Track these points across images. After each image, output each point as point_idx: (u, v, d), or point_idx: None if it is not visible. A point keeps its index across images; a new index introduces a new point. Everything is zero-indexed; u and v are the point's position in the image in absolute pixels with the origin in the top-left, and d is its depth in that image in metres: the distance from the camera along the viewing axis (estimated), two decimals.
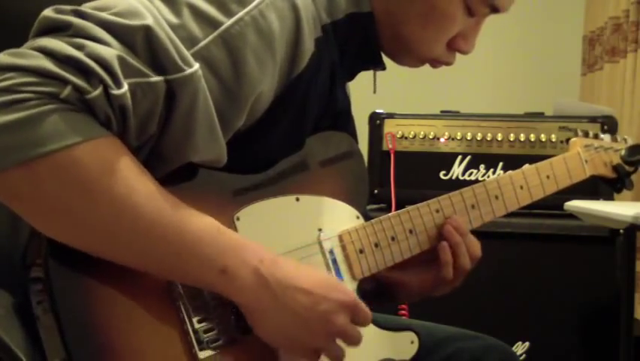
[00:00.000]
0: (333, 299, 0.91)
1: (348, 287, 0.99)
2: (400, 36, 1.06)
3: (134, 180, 0.80)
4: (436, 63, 1.10)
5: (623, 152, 1.35)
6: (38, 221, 0.81)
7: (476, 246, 1.11)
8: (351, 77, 1.13)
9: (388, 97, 2.78)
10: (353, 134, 1.10)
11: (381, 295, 1.16)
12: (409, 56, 1.09)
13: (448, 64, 1.10)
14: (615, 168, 1.34)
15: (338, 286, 0.93)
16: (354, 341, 0.94)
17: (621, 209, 1.66)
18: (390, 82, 3.40)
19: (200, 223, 0.85)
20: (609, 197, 2.06)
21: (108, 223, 0.80)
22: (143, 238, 0.82)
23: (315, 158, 1.03)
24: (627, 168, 1.35)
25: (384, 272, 1.09)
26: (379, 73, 1.17)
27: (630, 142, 1.39)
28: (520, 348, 2.01)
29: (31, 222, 0.81)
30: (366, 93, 1.26)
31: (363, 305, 0.94)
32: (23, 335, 0.87)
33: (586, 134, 1.34)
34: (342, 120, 1.08)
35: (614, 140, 1.37)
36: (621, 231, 1.96)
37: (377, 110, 2.17)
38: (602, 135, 1.36)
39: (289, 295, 0.88)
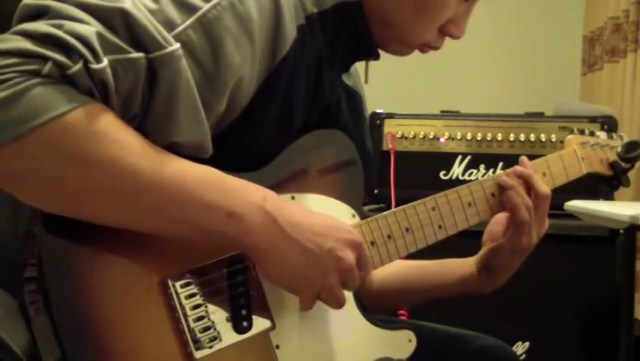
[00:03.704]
0: (339, 237, 0.92)
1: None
2: (391, 24, 1.06)
3: (125, 140, 0.80)
4: (425, 48, 1.10)
5: (619, 149, 1.34)
6: (40, 198, 0.80)
7: (542, 186, 1.15)
8: (346, 69, 1.13)
9: (388, 97, 2.78)
10: (345, 127, 1.09)
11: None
12: (399, 44, 1.09)
13: (436, 48, 1.10)
14: (611, 165, 1.33)
15: (342, 226, 0.94)
16: (356, 281, 0.94)
17: (621, 209, 1.66)
18: (390, 82, 3.41)
19: (200, 172, 0.85)
20: (609, 197, 2.06)
21: (109, 186, 0.80)
22: (146, 194, 0.81)
23: (310, 157, 1.03)
24: (623, 165, 1.33)
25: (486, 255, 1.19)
26: (380, 72, 1.17)
27: (626, 139, 1.38)
28: (520, 348, 2.01)
29: (32, 202, 0.81)
30: (366, 94, 1.26)
31: (366, 247, 0.96)
32: (23, 334, 0.87)
33: (582, 132, 1.33)
34: (333, 114, 1.07)
35: (610, 137, 1.36)
36: (621, 231, 1.96)
37: (377, 110, 2.17)
38: (597, 133, 1.35)
39: (298, 231, 0.89)
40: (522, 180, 1.16)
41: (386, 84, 3.08)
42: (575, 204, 1.86)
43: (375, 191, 2.12)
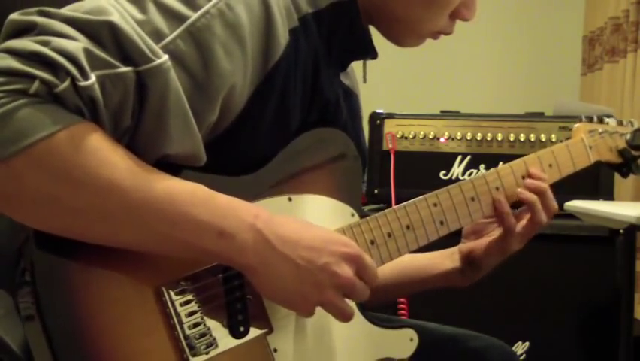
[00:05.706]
0: (335, 251, 0.90)
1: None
2: (400, 20, 1.06)
3: (113, 159, 0.80)
4: (437, 35, 1.11)
5: (628, 136, 1.31)
6: (29, 217, 0.80)
7: (552, 201, 1.15)
8: (343, 68, 1.12)
9: (388, 97, 2.78)
10: (345, 125, 1.08)
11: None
12: (412, 36, 1.10)
13: (449, 34, 1.11)
14: (621, 153, 1.30)
15: (338, 239, 0.92)
16: (361, 294, 0.92)
17: (621, 209, 1.66)
18: (390, 82, 3.40)
19: (190, 190, 0.85)
20: (609, 197, 2.06)
21: (98, 206, 0.80)
22: (136, 214, 0.81)
23: (308, 157, 1.02)
24: (633, 152, 1.30)
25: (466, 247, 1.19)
26: (379, 72, 1.17)
27: (636, 125, 1.35)
28: (520, 348, 2.01)
29: (23, 221, 0.81)
30: (366, 94, 1.26)
31: (368, 257, 0.93)
32: (23, 335, 0.87)
33: (590, 119, 1.30)
34: (332, 113, 1.06)
35: (620, 124, 1.33)
36: (621, 231, 1.96)
37: (377, 110, 2.17)
38: (607, 119, 1.32)
39: (289, 248, 0.87)
40: (536, 193, 1.15)
41: (386, 84, 3.08)
42: (575, 204, 1.85)
43: (376, 191, 2.12)
